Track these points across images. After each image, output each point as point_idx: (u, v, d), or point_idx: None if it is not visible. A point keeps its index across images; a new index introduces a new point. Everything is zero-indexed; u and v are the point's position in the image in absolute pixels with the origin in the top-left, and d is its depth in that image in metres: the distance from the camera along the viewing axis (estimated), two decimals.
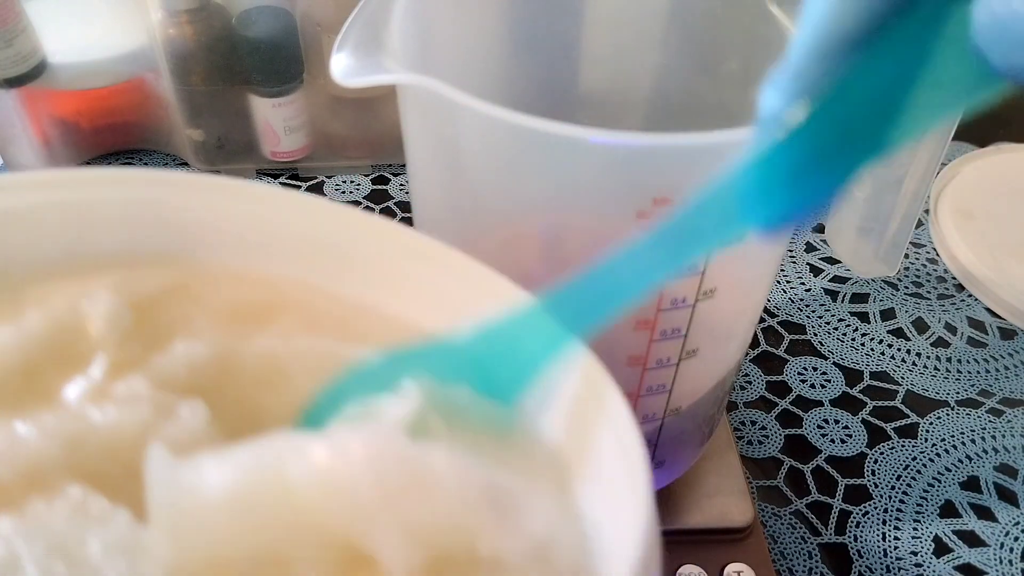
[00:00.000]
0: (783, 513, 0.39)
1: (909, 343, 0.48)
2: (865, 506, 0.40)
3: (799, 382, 0.45)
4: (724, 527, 0.35)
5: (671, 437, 0.31)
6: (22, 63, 0.47)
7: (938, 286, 0.51)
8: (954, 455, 0.42)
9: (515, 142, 0.23)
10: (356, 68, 0.22)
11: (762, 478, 0.41)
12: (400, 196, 0.55)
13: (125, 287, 0.22)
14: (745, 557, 0.34)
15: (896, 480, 0.41)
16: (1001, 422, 0.43)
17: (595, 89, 0.35)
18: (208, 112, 0.52)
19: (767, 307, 0.49)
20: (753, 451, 0.42)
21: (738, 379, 0.45)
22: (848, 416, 0.44)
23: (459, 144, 0.25)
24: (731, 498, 0.36)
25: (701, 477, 0.36)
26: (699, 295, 0.26)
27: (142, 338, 0.21)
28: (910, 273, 0.52)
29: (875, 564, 0.37)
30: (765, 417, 0.43)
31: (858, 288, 0.51)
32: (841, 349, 0.47)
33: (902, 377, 0.46)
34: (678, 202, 0.22)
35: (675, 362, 0.28)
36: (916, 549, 0.38)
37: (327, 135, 0.55)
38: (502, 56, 0.25)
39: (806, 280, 0.51)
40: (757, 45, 0.30)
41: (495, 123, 0.21)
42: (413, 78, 0.22)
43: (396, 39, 0.25)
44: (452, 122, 0.24)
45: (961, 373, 0.46)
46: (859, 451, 0.42)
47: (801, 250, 0.53)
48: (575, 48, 0.34)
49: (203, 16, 0.48)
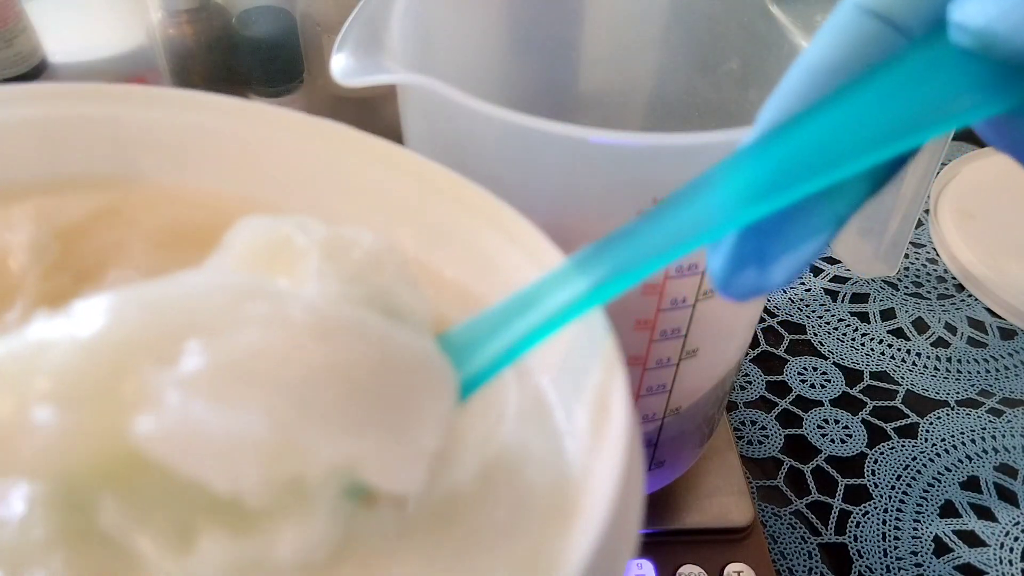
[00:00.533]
0: (783, 513, 0.39)
1: (909, 343, 0.48)
2: (865, 506, 0.40)
3: (799, 382, 0.45)
4: (724, 527, 0.35)
5: (671, 437, 0.31)
6: (22, 63, 0.47)
7: (938, 286, 0.51)
8: (954, 455, 0.42)
9: (515, 142, 0.23)
10: (356, 68, 0.22)
11: (762, 478, 0.41)
12: None
13: (48, 214, 0.20)
14: (745, 557, 0.34)
15: (896, 480, 0.41)
16: (1001, 422, 0.43)
17: (595, 89, 0.35)
18: None
19: (767, 307, 0.49)
20: (753, 451, 0.42)
21: (738, 379, 0.45)
22: (848, 416, 0.44)
23: (459, 144, 0.25)
24: (731, 498, 0.36)
25: (701, 477, 0.36)
26: (699, 295, 0.26)
27: (70, 269, 0.19)
28: (910, 273, 0.52)
29: (875, 564, 0.37)
30: (765, 417, 0.43)
31: (858, 288, 0.51)
32: (841, 349, 0.47)
33: (902, 377, 0.46)
34: None
35: (675, 362, 0.28)
36: (916, 549, 0.38)
37: None
38: (502, 56, 0.25)
39: (806, 280, 0.51)
40: (757, 45, 0.30)
41: (495, 123, 0.21)
42: (413, 78, 0.22)
43: (396, 39, 0.25)
44: (452, 122, 0.24)
45: (961, 373, 0.46)
46: (859, 451, 0.42)
47: None
48: (575, 48, 0.34)
49: (203, 16, 0.48)
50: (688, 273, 0.25)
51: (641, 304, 0.25)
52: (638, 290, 0.25)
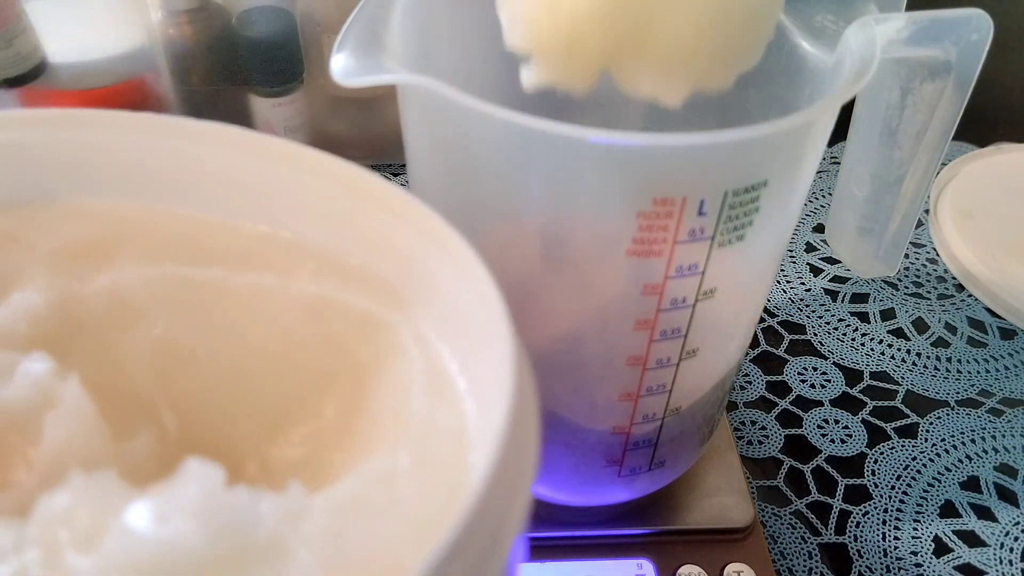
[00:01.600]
0: (783, 513, 0.39)
1: (909, 343, 0.48)
2: (865, 506, 0.40)
3: (799, 382, 0.45)
4: (724, 527, 0.35)
5: (671, 437, 0.31)
6: (22, 63, 0.47)
7: (938, 286, 0.51)
8: (954, 455, 0.42)
9: (515, 142, 0.23)
10: (356, 68, 0.22)
11: (762, 478, 0.41)
12: None
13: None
14: (745, 557, 0.34)
15: (896, 480, 0.41)
16: (1001, 422, 0.43)
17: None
18: (208, 112, 0.52)
19: (767, 307, 0.49)
20: (753, 451, 0.42)
21: (738, 379, 0.45)
22: (848, 416, 0.44)
23: (459, 144, 0.25)
24: (731, 498, 0.36)
25: (701, 477, 0.36)
26: (699, 295, 0.26)
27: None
28: (910, 273, 0.52)
29: (875, 564, 0.37)
30: (765, 417, 0.43)
31: (858, 288, 0.51)
32: (841, 349, 0.47)
33: (902, 377, 0.46)
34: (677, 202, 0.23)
35: (675, 362, 0.28)
36: (916, 549, 0.38)
37: (327, 135, 0.55)
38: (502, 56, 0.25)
39: (806, 280, 0.51)
40: None
41: (495, 123, 0.21)
42: (413, 78, 0.22)
43: (396, 39, 0.25)
44: (452, 122, 0.24)
45: (961, 373, 0.46)
46: (859, 451, 0.42)
47: (801, 250, 0.53)
48: None
49: (203, 16, 0.48)
50: (688, 273, 0.25)
51: (641, 304, 0.25)
52: (638, 290, 0.25)
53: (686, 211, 0.23)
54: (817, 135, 0.25)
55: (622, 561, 0.34)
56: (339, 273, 0.21)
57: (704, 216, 0.23)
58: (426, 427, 0.18)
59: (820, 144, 0.26)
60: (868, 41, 0.25)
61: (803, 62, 0.28)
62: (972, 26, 0.27)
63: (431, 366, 0.19)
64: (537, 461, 0.16)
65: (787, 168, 0.24)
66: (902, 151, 0.32)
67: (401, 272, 0.20)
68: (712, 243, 0.24)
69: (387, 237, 0.20)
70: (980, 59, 0.28)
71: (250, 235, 0.21)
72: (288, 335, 0.20)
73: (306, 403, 0.20)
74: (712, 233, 0.24)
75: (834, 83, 0.26)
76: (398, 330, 0.20)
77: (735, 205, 0.23)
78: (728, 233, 0.24)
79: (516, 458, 0.15)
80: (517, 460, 0.15)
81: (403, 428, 0.18)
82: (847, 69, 0.25)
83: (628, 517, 0.35)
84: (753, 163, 0.23)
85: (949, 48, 0.28)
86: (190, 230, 0.21)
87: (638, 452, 0.31)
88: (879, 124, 0.32)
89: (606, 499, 0.34)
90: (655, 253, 0.24)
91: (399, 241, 0.20)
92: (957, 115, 0.30)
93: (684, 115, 0.34)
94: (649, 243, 0.24)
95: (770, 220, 0.25)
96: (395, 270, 0.20)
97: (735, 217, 0.24)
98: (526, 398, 0.16)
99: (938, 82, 0.29)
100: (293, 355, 0.20)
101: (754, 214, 0.24)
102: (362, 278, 0.21)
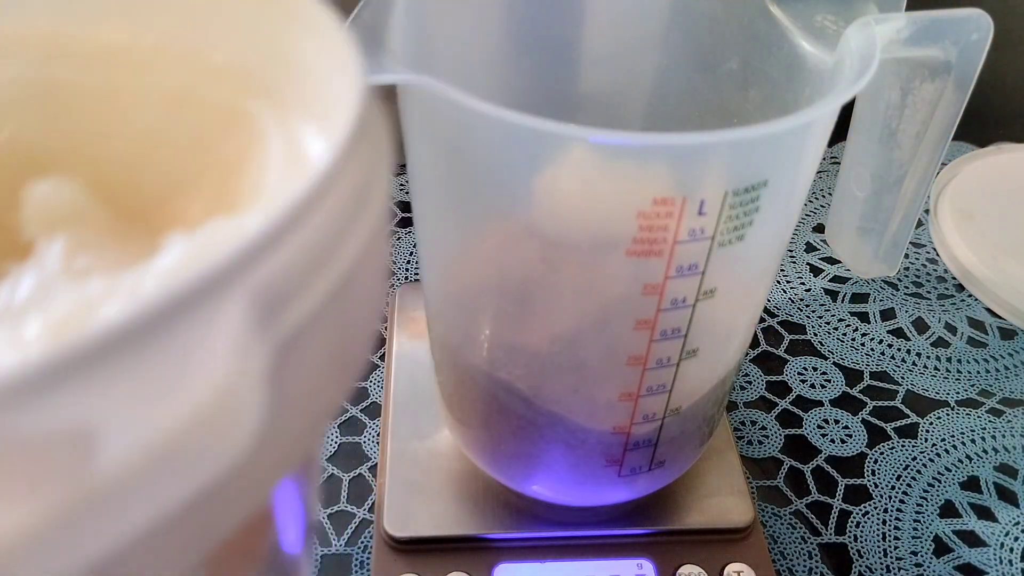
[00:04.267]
0: (783, 513, 0.39)
1: (909, 343, 0.48)
2: (865, 506, 0.40)
3: (799, 382, 0.45)
4: (724, 527, 0.35)
5: (671, 437, 0.31)
6: None
7: (938, 286, 0.51)
8: (954, 455, 0.42)
9: (515, 141, 0.23)
10: None
11: (762, 478, 0.41)
12: (400, 196, 0.55)
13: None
14: (745, 557, 0.34)
15: (896, 480, 0.41)
16: (1001, 422, 0.43)
17: (595, 89, 0.35)
18: None
19: (767, 307, 0.49)
20: (753, 451, 0.42)
21: (738, 379, 0.45)
22: (848, 416, 0.44)
23: (459, 143, 0.25)
24: (731, 498, 0.36)
25: (701, 477, 0.36)
26: (699, 295, 0.26)
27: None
28: (910, 273, 0.52)
29: (875, 564, 0.37)
30: (765, 417, 0.43)
31: (858, 288, 0.51)
32: (841, 349, 0.47)
33: (902, 377, 0.46)
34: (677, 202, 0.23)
35: (675, 362, 0.28)
36: (916, 549, 0.38)
37: None
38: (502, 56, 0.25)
39: (806, 280, 0.51)
40: (757, 45, 0.30)
41: (495, 123, 0.21)
42: (413, 78, 0.22)
43: (396, 39, 0.25)
44: (452, 122, 0.24)
45: (961, 373, 0.46)
46: (859, 451, 0.42)
47: (801, 250, 0.53)
48: (575, 48, 0.34)
49: None
50: (688, 273, 0.25)
51: (641, 304, 0.25)
52: (638, 290, 0.25)
53: (686, 211, 0.23)
54: (817, 135, 0.25)
55: (622, 561, 0.34)
56: (202, 70, 0.20)
57: (704, 216, 0.23)
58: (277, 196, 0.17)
59: (820, 144, 0.26)
60: (868, 41, 0.25)
61: (803, 62, 0.28)
62: (972, 26, 0.27)
63: (293, 150, 0.18)
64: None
65: (787, 168, 0.24)
66: (902, 151, 0.32)
67: (266, 60, 0.19)
68: (712, 243, 0.24)
69: (251, 27, 0.19)
70: (980, 59, 0.28)
71: (110, 38, 0.20)
72: (149, 135, 0.20)
73: (171, 204, 0.20)
74: (712, 233, 0.24)
75: (834, 83, 0.26)
76: (263, 120, 0.19)
77: (735, 205, 0.23)
78: (728, 233, 0.24)
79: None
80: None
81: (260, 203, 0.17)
82: (847, 69, 0.25)
83: (628, 517, 0.35)
84: (753, 163, 0.23)
85: (949, 48, 0.28)
86: (45, 34, 0.20)
87: (638, 452, 0.31)
88: (879, 124, 0.32)
89: (606, 499, 0.34)
90: (655, 253, 0.24)
91: (263, 29, 0.19)
92: (957, 115, 0.30)
93: (684, 115, 0.34)
94: (649, 243, 0.24)
95: (770, 220, 0.25)
96: (259, 58, 0.20)
97: (735, 217, 0.24)
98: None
99: (938, 82, 0.29)
100: (155, 156, 0.20)
101: (754, 214, 0.24)
102: (226, 72, 0.20)
